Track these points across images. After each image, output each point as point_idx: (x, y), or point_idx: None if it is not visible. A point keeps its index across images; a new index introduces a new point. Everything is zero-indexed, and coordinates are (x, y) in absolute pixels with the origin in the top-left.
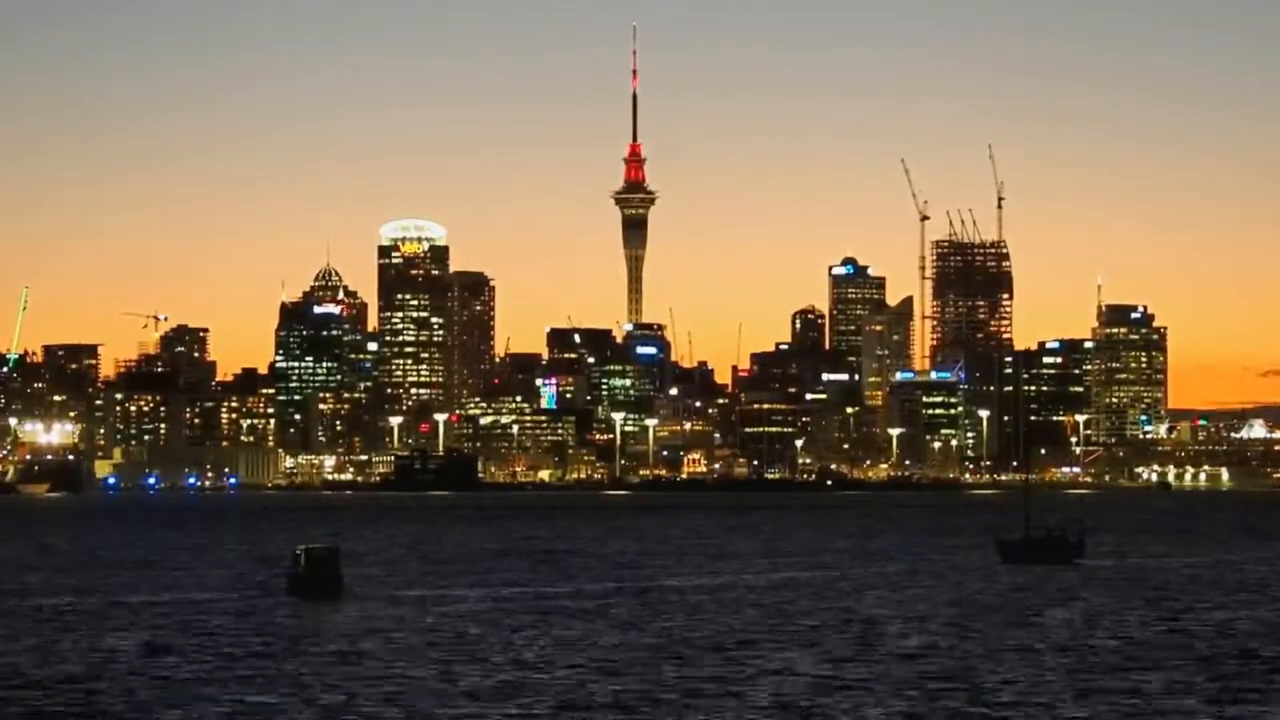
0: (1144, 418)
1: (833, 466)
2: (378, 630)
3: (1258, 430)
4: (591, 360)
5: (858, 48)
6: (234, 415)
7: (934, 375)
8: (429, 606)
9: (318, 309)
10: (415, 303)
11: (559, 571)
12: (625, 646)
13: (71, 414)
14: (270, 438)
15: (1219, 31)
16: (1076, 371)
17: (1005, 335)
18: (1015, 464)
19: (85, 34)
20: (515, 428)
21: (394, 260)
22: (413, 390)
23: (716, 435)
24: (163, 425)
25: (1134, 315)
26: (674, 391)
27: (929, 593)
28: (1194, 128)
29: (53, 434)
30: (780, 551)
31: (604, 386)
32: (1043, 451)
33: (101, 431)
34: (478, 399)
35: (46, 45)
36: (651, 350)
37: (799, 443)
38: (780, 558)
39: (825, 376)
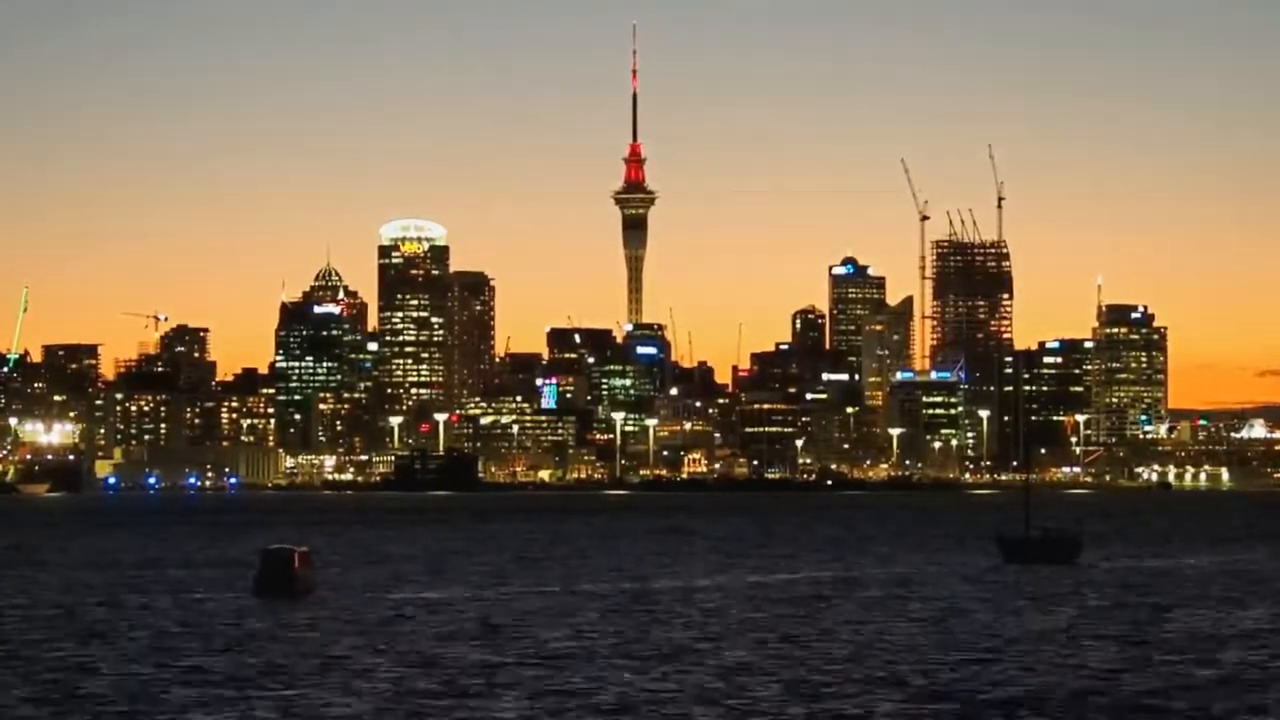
0: (1144, 418)
1: (833, 466)
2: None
3: (1258, 430)
4: (591, 360)
5: (858, 48)
6: (234, 415)
7: (934, 375)
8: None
9: (318, 309)
10: (415, 303)
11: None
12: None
13: (71, 414)
14: (270, 438)
15: (1219, 32)
16: (1076, 371)
17: (1005, 335)
18: (1015, 464)
19: (85, 37)
20: (515, 428)
21: (394, 260)
22: (413, 390)
23: (716, 435)
24: (163, 425)
25: (1134, 315)
26: (674, 391)
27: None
28: (1194, 128)
29: (53, 434)
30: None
31: (604, 386)
32: (1043, 451)
33: (101, 431)
34: (478, 399)
35: (45, 48)
36: (651, 350)
37: (799, 443)
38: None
39: (825, 376)
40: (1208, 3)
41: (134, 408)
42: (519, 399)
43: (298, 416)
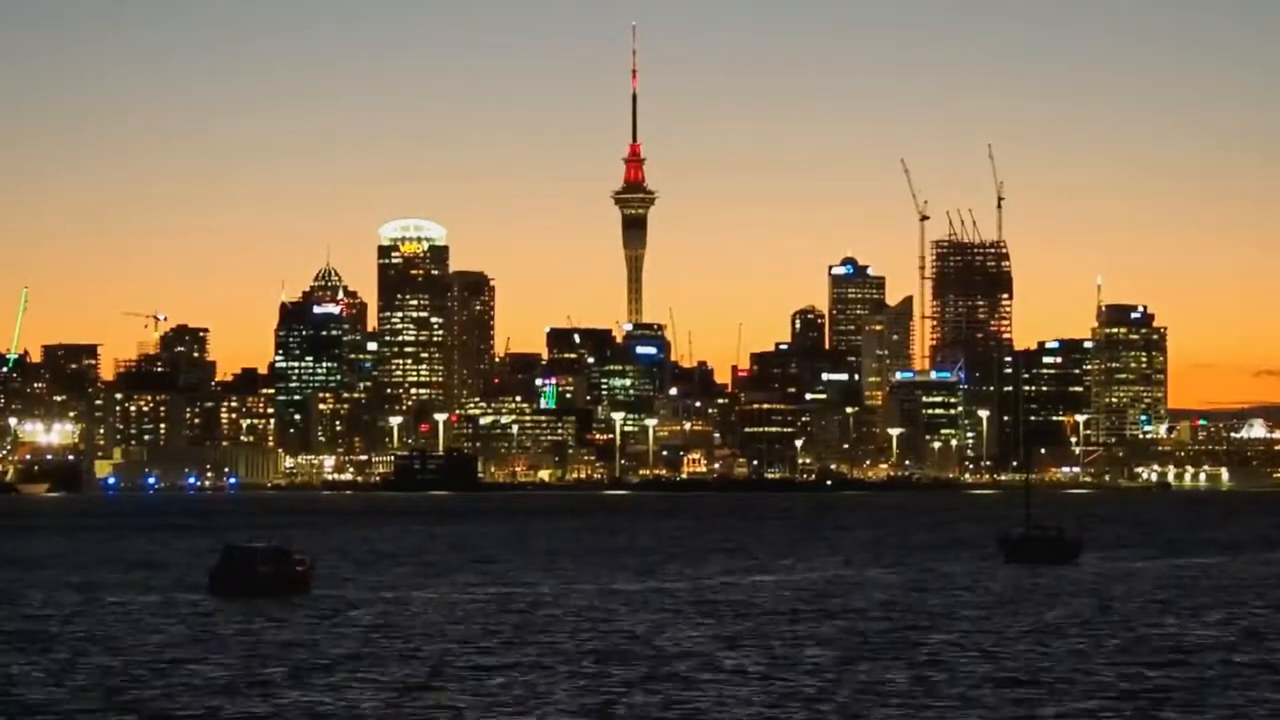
0: (1144, 418)
1: (832, 466)
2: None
3: (1258, 430)
4: (591, 360)
5: (858, 48)
6: (234, 415)
7: (934, 375)
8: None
9: (318, 309)
10: (415, 303)
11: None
12: None
13: (71, 414)
14: (270, 438)
15: (1219, 31)
16: (1076, 371)
17: (1005, 335)
18: (1015, 464)
19: (82, 35)
20: (515, 428)
21: (394, 260)
22: (413, 390)
23: (716, 435)
24: (163, 425)
25: (1134, 315)
26: (674, 391)
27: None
28: (1194, 128)
29: (53, 434)
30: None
31: (604, 386)
32: (1043, 451)
33: (101, 431)
34: (478, 399)
35: (43, 47)
36: (651, 350)
37: (799, 443)
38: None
39: (825, 376)
40: (1208, 4)
41: (134, 408)
42: (519, 399)
43: (297, 416)
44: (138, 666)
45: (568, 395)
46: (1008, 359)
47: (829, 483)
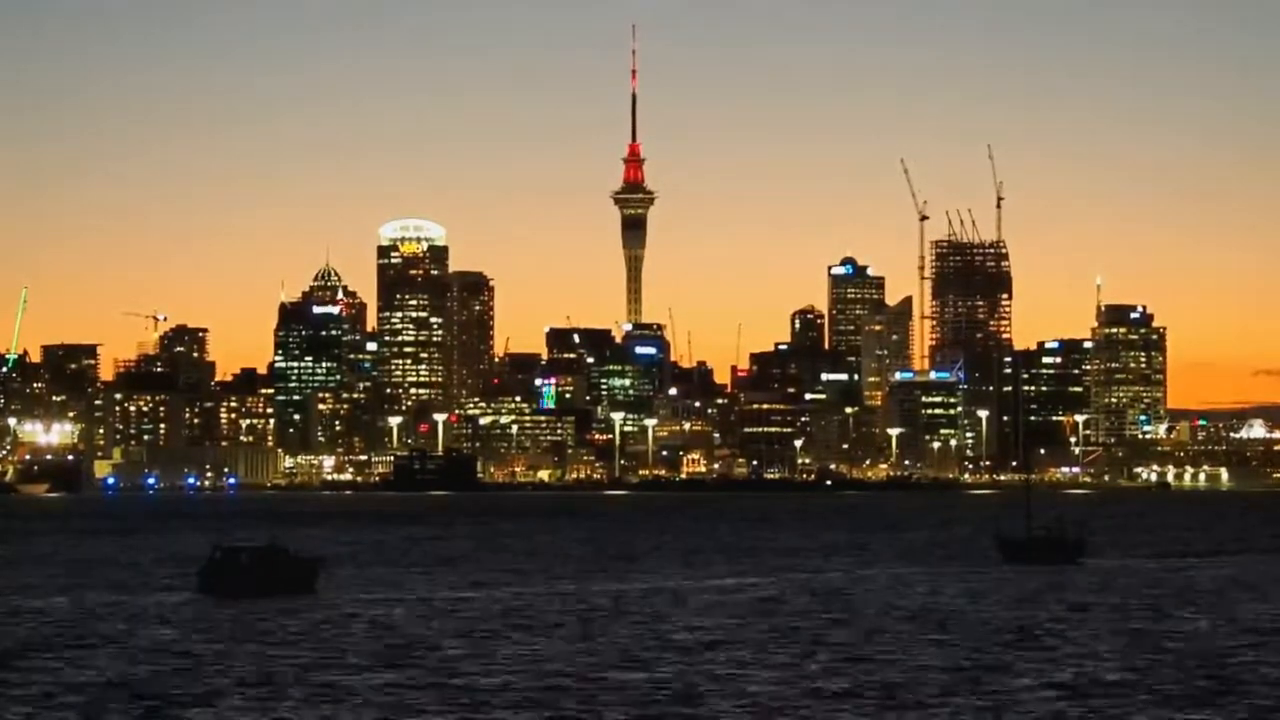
0: (1143, 418)
1: (832, 466)
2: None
3: (1257, 430)
4: (591, 360)
5: (857, 47)
6: (233, 415)
7: (933, 375)
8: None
9: (317, 309)
10: (415, 303)
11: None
12: None
13: (71, 414)
14: (270, 438)
15: (1220, 31)
16: (1076, 371)
17: (1005, 335)
18: (1015, 464)
19: (84, 33)
20: (515, 428)
21: (393, 260)
22: (412, 390)
23: (716, 435)
24: (162, 425)
25: (1133, 315)
26: (673, 391)
27: None
28: (1194, 128)
29: (52, 434)
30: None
31: (603, 386)
32: (1042, 451)
33: (101, 431)
34: (477, 399)
35: (44, 44)
36: (651, 350)
37: (798, 443)
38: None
39: (825, 376)
40: (1208, 6)
41: (133, 408)
42: (518, 399)
43: (297, 417)
44: (116, 667)
45: (567, 395)
46: (1007, 359)
47: (829, 483)
